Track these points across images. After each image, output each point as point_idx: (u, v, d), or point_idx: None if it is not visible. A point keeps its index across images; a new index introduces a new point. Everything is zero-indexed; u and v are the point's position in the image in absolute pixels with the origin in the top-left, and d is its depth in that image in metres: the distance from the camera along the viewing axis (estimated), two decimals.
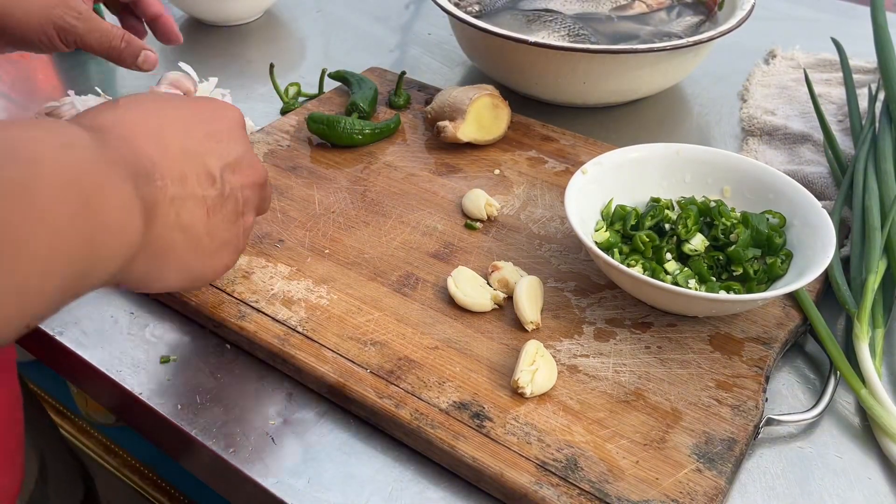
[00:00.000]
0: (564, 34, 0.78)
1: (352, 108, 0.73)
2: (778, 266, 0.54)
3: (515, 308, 0.53)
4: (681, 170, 0.61)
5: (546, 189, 0.66)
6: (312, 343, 0.52)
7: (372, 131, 0.71)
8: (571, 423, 0.47)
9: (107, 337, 0.55)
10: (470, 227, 0.61)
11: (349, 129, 0.70)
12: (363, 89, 0.75)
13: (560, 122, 0.75)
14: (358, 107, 0.73)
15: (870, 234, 0.57)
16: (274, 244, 0.60)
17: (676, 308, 0.53)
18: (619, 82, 0.74)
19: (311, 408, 0.50)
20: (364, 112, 0.73)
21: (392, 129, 0.72)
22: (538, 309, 0.53)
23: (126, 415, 0.54)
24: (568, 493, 0.43)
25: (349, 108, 0.74)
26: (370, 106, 0.74)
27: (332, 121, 0.70)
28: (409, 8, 1.03)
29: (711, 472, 0.44)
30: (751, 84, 0.84)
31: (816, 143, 0.72)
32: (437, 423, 0.47)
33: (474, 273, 0.56)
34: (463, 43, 0.81)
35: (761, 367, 0.51)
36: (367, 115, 0.73)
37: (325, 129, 0.70)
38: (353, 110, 0.73)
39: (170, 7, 0.99)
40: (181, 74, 0.78)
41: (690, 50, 0.72)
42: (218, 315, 0.54)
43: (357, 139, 0.70)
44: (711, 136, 0.78)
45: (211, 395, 0.51)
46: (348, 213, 0.63)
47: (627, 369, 0.50)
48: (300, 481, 0.46)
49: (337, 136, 0.70)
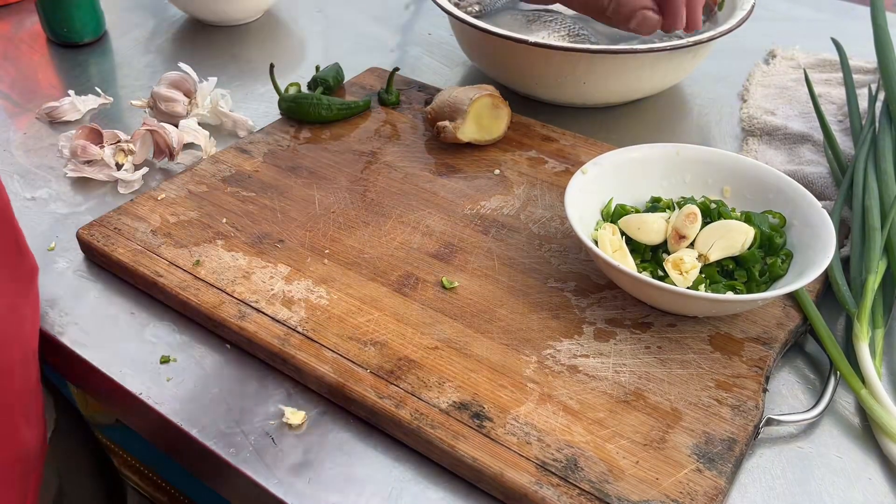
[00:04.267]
0: (564, 34, 0.78)
1: (314, 84, 0.77)
2: (778, 266, 0.54)
3: None
4: (681, 170, 0.61)
5: (546, 189, 0.66)
6: (312, 343, 0.52)
7: (339, 108, 0.73)
8: (571, 423, 0.47)
9: (107, 337, 0.55)
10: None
11: (316, 105, 0.72)
12: (328, 68, 0.79)
13: (560, 122, 0.75)
14: (320, 81, 0.76)
15: (870, 234, 0.57)
16: (274, 244, 0.60)
17: (676, 308, 0.53)
18: (619, 82, 0.74)
19: (311, 408, 0.50)
20: (328, 85, 0.76)
21: (361, 107, 0.75)
22: None
23: (126, 415, 0.54)
24: (568, 493, 0.43)
25: (311, 83, 0.77)
26: (334, 81, 0.77)
27: (299, 98, 0.73)
28: (409, 8, 1.03)
29: (711, 472, 0.44)
30: (751, 84, 0.84)
31: (816, 143, 0.72)
32: (437, 423, 0.47)
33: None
34: (463, 43, 0.81)
35: (761, 367, 0.51)
36: (332, 88, 0.77)
37: (294, 105, 0.73)
38: (318, 84, 0.76)
39: (170, 7, 0.99)
40: (181, 74, 0.78)
41: (690, 50, 0.72)
42: (218, 315, 0.54)
43: (324, 115, 0.73)
44: (711, 136, 0.78)
45: (211, 396, 0.51)
46: (348, 213, 0.63)
47: (627, 369, 0.50)
48: (300, 481, 0.46)
49: (304, 111, 0.73)
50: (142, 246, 0.59)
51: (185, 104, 0.76)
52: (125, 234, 0.60)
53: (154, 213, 0.62)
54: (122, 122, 0.78)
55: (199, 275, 0.57)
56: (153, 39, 0.93)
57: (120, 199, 0.67)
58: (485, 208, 0.64)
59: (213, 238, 0.60)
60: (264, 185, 0.66)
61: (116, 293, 0.58)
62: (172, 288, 0.56)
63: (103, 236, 0.60)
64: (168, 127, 0.71)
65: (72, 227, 0.64)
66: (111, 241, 0.59)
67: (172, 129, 0.72)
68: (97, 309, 0.57)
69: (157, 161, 0.72)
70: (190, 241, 0.60)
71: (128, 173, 0.69)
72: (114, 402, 0.54)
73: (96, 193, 0.69)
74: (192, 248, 0.59)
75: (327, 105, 0.73)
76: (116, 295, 0.58)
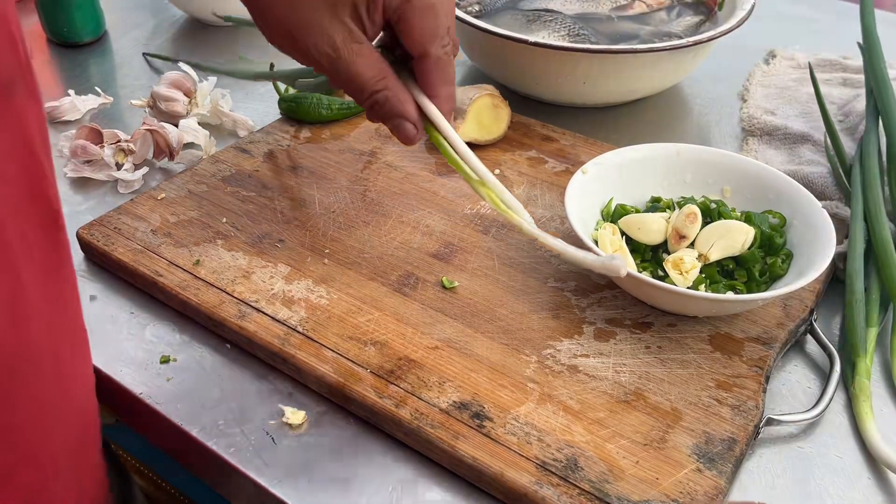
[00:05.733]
0: (564, 34, 0.78)
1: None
2: (778, 266, 0.54)
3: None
4: (681, 170, 0.61)
5: (546, 189, 0.66)
6: (312, 343, 0.52)
7: (339, 108, 0.73)
8: (571, 423, 0.47)
9: (107, 337, 0.55)
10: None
11: (316, 104, 0.72)
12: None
13: (560, 122, 0.75)
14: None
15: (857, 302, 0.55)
16: (274, 244, 0.60)
17: (676, 308, 0.53)
18: (619, 82, 0.74)
19: (311, 408, 0.50)
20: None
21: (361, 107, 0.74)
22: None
23: (126, 415, 0.54)
24: (568, 492, 0.43)
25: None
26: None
27: (298, 98, 0.72)
28: None
29: (711, 472, 0.44)
30: (751, 84, 0.84)
31: (816, 143, 0.72)
32: (437, 422, 0.47)
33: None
34: (463, 43, 0.81)
35: (761, 367, 0.51)
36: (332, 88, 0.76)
37: (294, 105, 0.73)
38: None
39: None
40: (181, 74, 0.78)
41: (690, 50, 0.72)
42: (218, 315, 0.54)
43: (324, 115, 0.73)
44: (711, 136, 0.78)
45: (211, 395, 0.51)
46: (348, 212, 0.63)
47: (627, 369, 0.50)
48: (300, 481, 0.46)
49: (304, 111, 0.73)
50: (142, 245, 0.59)
51: (185, 104, 0.76)
52: (125, 234, 0.60)
53: (154, 212, 0.62)
54: (122, 122, 0.78)
55: (199, 274, 0.57)
56: (153, 39, 0.93)
57: (120, 198, 0.67)
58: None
59: (213, 238, 0.60)
60: (264, 185, 0.66)
61: (116, 293, 0.58)
62: (172, 287, 0.56)
63: (103, 236, 0.60)
64: (168, 127, 0.71)
65: (72, 227, 0.63)
66: (111, 240, 0.59)
67: (172, 128, 0.72)
68: (97, 309, 0.57)
69: (157, 161, 0.72)
70: (190, 240, 0.60)
71: (128, 173, 0.69)
72: (114, 402, 0.54)
73: (96, 193, 0.69)
74: (192, 247, 0.59)
75: (327, 105, 0.73)
76: (116, 295, 0.58)
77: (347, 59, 0.48)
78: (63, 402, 0.43)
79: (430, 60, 0.50)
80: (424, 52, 0.50)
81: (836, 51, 0.88)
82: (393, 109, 0.50)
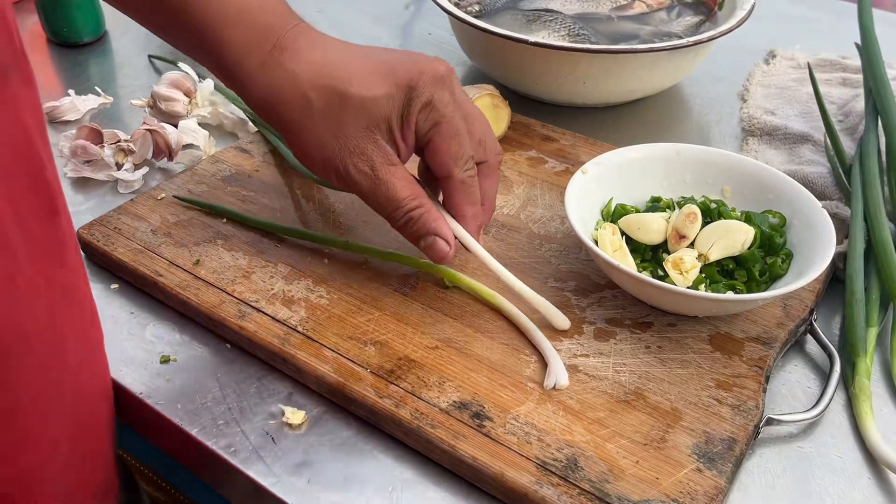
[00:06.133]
0: (564, 34, 0.78)
1: None
2: (778, 266, 0.54)
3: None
4: (681, 170, 0.61)
5: (546, 189, 0.66)
6: (312, 343, 0.52)
7: None
8: (571, 423, 0.47)
9: (107, 337, 0.55)
10: None
11: None
12: None
13: (560, 122, 0.75)
14: None
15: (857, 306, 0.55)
16: (274, 244, 0.60)
17: (676, 308, 0.53)
18: (619, 82, 0.74)
19: (311, 408, 0.50)
20: None
21: None
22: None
23: (126, 415, 0.54)
24: (568, 492, 0.43)
25: None
26: None
27: None
28: (409, 8, 1.03)
29: (711, 471, 0.44)
30: (751, 84, 0.84)
31: (816, 143, 0.72)
32: (437, 422, 0.47)
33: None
34: (463, 43, 0.81)
35: (761, 367, 0.51)
36: None
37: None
38: None
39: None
40: (181, 74, 0.78)
41: (690, 50, 0.72)
42: (218, 315, 0.54)
43: None
44: (711, 136, 0.78)
45: (211, 395, 0.51)
46: (348, 212, 0.63)
47: (627, 369, 0.50)
48: (300, 481, 0.46)
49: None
50: (142, 245, 0.59)
51: (186, 104, 0.76)
52: (125, 234, 0.60)
53: (154, 212, 0.62)
54: (122, 122, 0.78)
55: (199, 274, 0.57)
56: (153, 39, 0.93)
57: (120, 198, 0.67)
58: None
59: (213, 238, 0.60)
60: (264, 185, 0.66)
61: (116, 293, 0.58)
62: (172, 287, 0.56)
63: (103, 236, 0.60)
64: (168, 127, 0.71)
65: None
66: (111, 240, 0.59)
67: (172, 129, 0.72)
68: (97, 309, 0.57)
69: (157, 161, 0.72)
70: (190, 240, 0.60)
71: (128, 173, 0.69)
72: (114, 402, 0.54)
73: (96, 193, 0.69)
74: (192, 247, 0.59)
75: None
76: (116, 295, 0.58)
77: (384, 179, 0.51)
78: (67, 388, 0.43)
79: (454, 181, 0.53)
80: (449, 173, 0.53)
81: (835, 51, 0.88)
82: (427, 226, 0.53)
